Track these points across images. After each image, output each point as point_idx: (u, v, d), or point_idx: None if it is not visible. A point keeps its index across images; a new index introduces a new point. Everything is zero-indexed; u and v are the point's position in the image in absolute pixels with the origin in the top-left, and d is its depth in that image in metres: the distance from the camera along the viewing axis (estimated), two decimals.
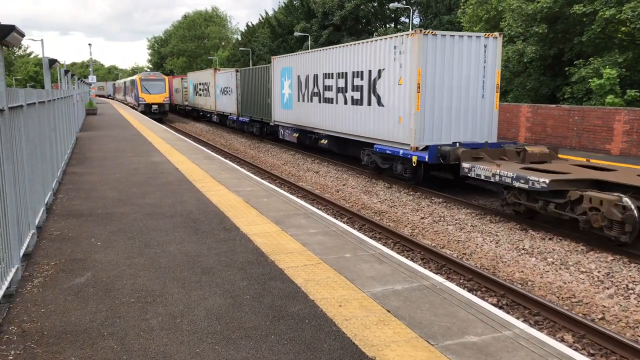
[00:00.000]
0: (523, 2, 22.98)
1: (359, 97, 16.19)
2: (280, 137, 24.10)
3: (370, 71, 15.38)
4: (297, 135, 21.90)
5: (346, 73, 16.85)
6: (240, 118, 30.06)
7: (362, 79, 15.86)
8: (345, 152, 18.48)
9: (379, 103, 15.02)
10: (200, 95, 40.51)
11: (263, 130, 27.27)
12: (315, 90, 19.40)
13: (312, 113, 19.86)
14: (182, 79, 47.89)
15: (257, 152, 23.89)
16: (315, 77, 19.37)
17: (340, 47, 17.41)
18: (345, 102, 17.11)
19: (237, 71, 30.43)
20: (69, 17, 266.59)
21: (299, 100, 21.02)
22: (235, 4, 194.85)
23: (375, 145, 15.35)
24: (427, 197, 13.59)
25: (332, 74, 17.92)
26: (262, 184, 11.27)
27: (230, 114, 31.97)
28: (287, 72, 22.17)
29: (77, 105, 23.09)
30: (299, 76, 20.95)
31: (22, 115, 6.52)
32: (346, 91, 16.97)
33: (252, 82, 27.49)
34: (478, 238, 10.15)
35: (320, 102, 19.06)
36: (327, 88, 18.37)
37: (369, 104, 15.60)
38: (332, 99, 18.05)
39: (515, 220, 11.06)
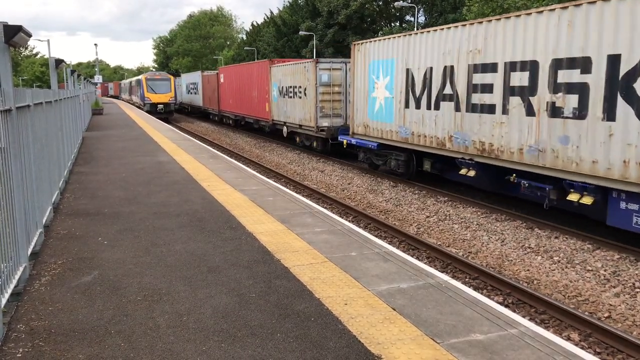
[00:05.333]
0: None
1: None
2: None
3: None
4: None
5: None
6: None
7: None
8: None
9: None
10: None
11: None
12: None
13: None
14: (304, 65, 20.84)
15: (262, 152, 23.91)
16: None
17: None
18: None
19: None
20: (76, 17, 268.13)
21: None
22: (241, 3, 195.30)
23: None
24: (433, 195, 13.57)
25: None
26: (267, 183, 11.29)
27: None
28: None
29: (84, 105, 23.19)
30: None
31: (29, 115, 6.57)
32: None
33: None
34: (484, 237, 10.13)
35: None
36: None
37: None
38: None
39: (521, 219, 11.03)
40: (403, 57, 14.25)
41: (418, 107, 13.73)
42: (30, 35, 5.49)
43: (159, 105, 41.51)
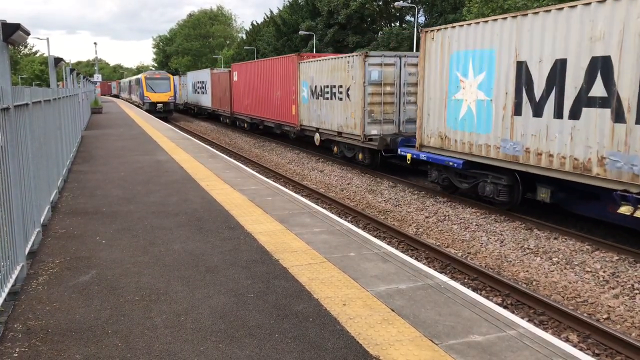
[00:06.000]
0: None
1: None
2: None
3: None
4: None
5: None
6: None
7: None
8: None
9: None
10: None
11: None
12: None
13: None
14: (347, 59, 17.14)
15: (261, 151, 23.89)
16: None
17: None
18: None
19: None
20: (76, 16, 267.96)
21: None
22: (241, 3, 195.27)
23: None
24: (432, 196, 13.56)
25: None
26: (266, 182, 11.28)
27: None
28: None
29: (83, 103, 23.16)
30: None
31: (28, 114, 6.55)
32: None
33: None
34: (483, 237, 10.12)
35: None
36: None
37: None
38: None
39: (520, 219, 11.02)
40: (510, 45, 10.56)
41: (538, 114, 9.94)
42: (28, 34, 5.48)
43: (158, 105, 41.45)
